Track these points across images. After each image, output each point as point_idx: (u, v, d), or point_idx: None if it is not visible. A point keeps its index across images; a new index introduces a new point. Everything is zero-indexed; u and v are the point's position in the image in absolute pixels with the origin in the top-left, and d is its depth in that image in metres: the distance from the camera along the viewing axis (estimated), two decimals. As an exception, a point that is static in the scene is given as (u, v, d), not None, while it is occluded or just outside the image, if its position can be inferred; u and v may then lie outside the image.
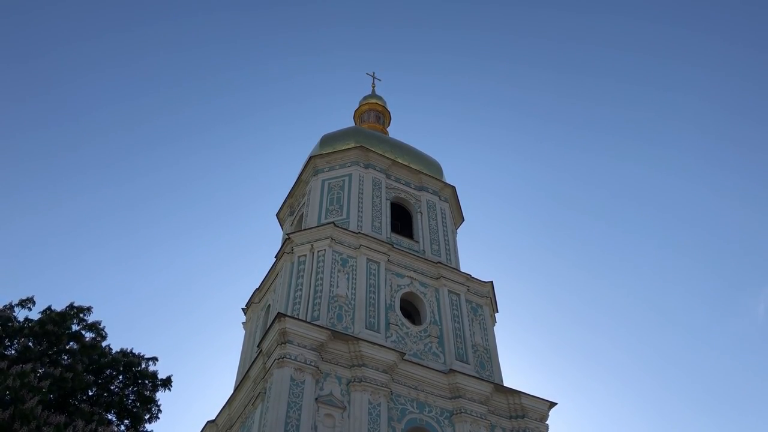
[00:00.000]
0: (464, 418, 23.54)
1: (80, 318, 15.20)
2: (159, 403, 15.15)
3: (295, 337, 22.19)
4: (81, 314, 15.23)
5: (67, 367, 13.38)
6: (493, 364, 27.33)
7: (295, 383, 21.20)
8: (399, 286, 27.84)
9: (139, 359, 15.39)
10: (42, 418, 11.10)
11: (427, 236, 31.50)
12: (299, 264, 27.17)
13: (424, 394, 23.86)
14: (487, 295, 30.18)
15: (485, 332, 28.50)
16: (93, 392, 14.64)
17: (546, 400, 25.72)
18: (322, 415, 21.23)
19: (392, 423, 22.32)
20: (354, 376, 22.67)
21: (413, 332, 26.34)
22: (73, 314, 15.05)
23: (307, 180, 33.76)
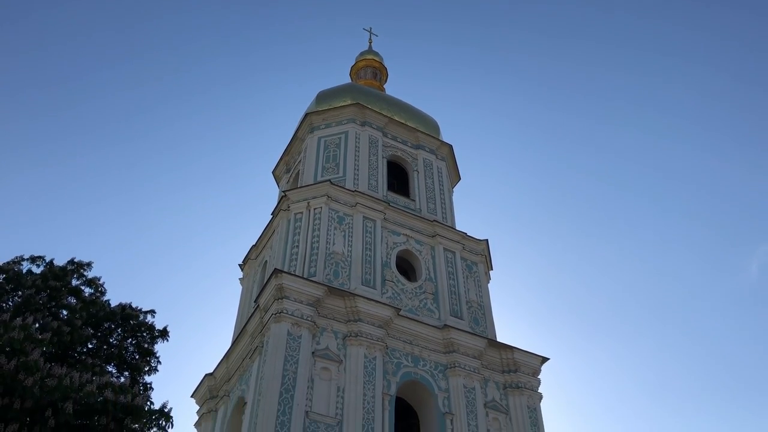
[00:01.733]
0: (458, 372, 24.07)
1: (80, 273, 15.31)
2: (158, 355, 15.40)
3: (292, 292, 22.45)
4: (81, 270, 15.33)
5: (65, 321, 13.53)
6: (487, 320, 27.78)
7: (292, 337, 21.56)
8: (395, 243, 28.03)
9: (137, 312, 15.55)
10: (45, 369, 11.32)
11: (424, 195, 31.56)
12: (296, 221, 27.27)
13: (419, 349, 24.33)
14: (482, 253, 30.47)
15: (479, 289, 28.88)
16: (92, 345, 14.84)
17: (538, 355, 26.28)
18: (318, 368, 21.66)
19: (387, 376, 22.81)
20: (350, 331, 23.05)
21: (409, 289, 26.66)
22: (73, 269, 15.16)
23: (303, 137, 33.55)
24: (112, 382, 12.18)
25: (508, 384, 25.27)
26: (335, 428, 20.43)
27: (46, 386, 10.71)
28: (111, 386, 11.55)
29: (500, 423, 23.87)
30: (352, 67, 44.80)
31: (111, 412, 11.09)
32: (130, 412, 11.37)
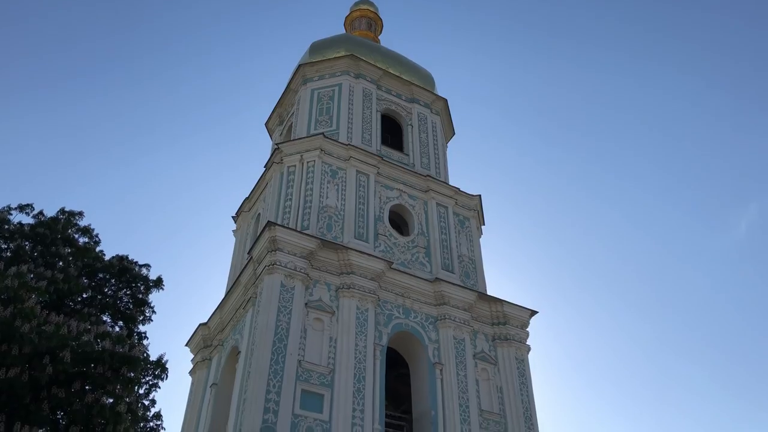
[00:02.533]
0: (448, 324, 24.56)
1: (72, 222, 15.27)
2: (152, 305, 15.57)
3: (285, 245, 22.62)
4: (72, 219, 15.28)
5: (60, 270, 13.60)
6: (478, 274, 28.17)
7: (285, 289, 21.84)
8: (388, 198, 28.10)
9: (132, 265, 15.63)
10: (42, 317, 11.47)
11: (417, 149, 31.44)
12: (288, 174, 27.20)
13: (411, 301, 24.74)
14: (474, 209, 30.63)
15: (471, 244, 29.16)
16: (88, 295, 14.97)
17: (527, 309, 26.79)
18: (311, 319, 22.04)
19: (379, 327, 23.27)
20: (343, 283, 23.35)
21: (401, 243, 26.89)
22: (64, 218, 15.11)
23: (296, 89, 33.10)
24: (110, 332, 12.39)
25: (496, 336, 25.83)
26: (327, 377, 20.94)
27: (44, 333, 10.90)
28: (109, 336, 11.77)
29: (488, 373, 24.52)
30: (347, 17, 43.81)
31: (108, 361, 11.33)
32: (126, 361, 11.61)
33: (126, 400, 11.40)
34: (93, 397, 10.69)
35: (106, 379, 11.07)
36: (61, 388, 10.81)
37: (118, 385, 11.29)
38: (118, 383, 11.28)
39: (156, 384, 15.08)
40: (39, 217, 14.56)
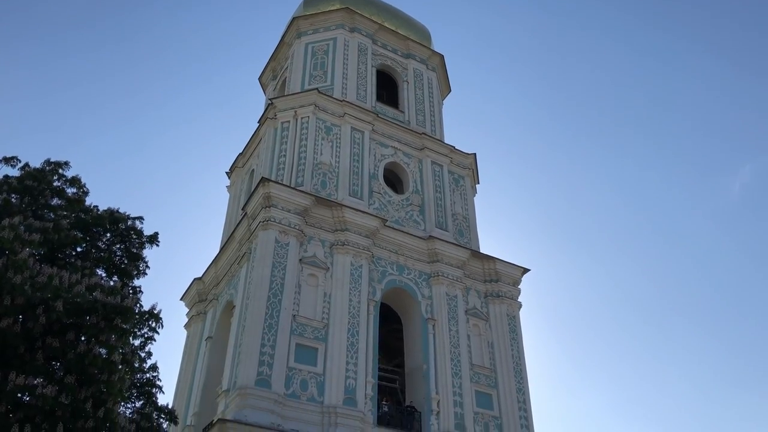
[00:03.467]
0: (441, 281, 24.79)
1: (59, 173, 15.05)
2: (146, 260, 15.51)
3: (279, 201, 22.57)
4: (59, 169, 15.02)
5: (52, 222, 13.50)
6: (471, 232, 28.29)
7: (280, 245, 21.90)
8: (383, 155, 27.94)
9: (125, 217, 15.52)
10: (35, 269, 11.46)
11: (413, 106, 31.11)
12: (282, 130, 26.94)
13: (404, 258, 24.89)
14: (469, 167, 30.54)
15: (465, 202, 29.18)
16: (81, 248, 14.91)
17: (519, 266, 27.01)
18: (306, 274, 22.18)
19: (373, 283, 23.46)
20: (337, 240, 23.42)
21: (395, 200, 26.88)
22: (51, 169, 14.87)
23: (290, 42, 32.46)
24: (102, 283, 12.40)
25: (489, 293, 26.12)
26: (322, 331, 21.21)
27: (36, 284, 10.92)
28: (100, 287, 11.80)
29: (480, 329, 24.89)
30: (342, -31, 42.63)
31: (101, 311, 11.39)
32: (119, 312, 11.67)
33: (120, 351, 11.53)
34: (86, 347, 10.79)
35: (99, 329, 11.14)
36: (55, 338, 10.93)
37: (112, 335, 11.39)
38: (111, 333, 11.38)
39: (151, 337, 15.15)
40: (25, 168, 14.35)
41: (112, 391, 10.99)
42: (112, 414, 10.82)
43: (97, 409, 10.66)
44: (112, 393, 11.00)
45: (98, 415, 10.55)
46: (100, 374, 10.84)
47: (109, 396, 10.96)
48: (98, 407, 10.72)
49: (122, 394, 11.63)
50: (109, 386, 10.97)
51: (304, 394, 19.70)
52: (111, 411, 10.84)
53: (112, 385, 11.02)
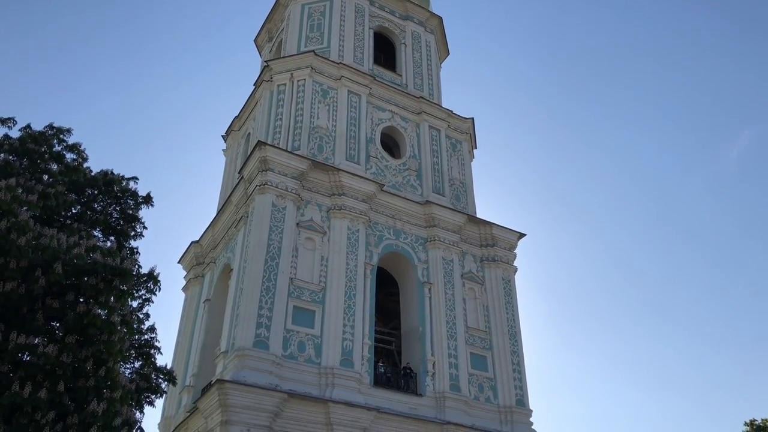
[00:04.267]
0: (438, 245, 24.93)
1: (60, 138, 14.97)
2: (143, 221, 15.51)
3: (276, 165, 22.49)
4: (61, 135, 14.96)
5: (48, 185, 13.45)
6: (468, 197, 28.32)
7: (277, 209, 21.92)
8: (380, 119, 27.74)
9: (119, 178, 15.46)
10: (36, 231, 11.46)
11: (411, 69, 30.75)
12: (279, 93, 26.65)
13: (401, 223, 24.97)
14: (467, 132, 30.38)
15: (463, 167, 29.13)
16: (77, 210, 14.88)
17: (515, 231, 27.15)
18: (303, 238, 22.27)
19: (370, 248, 23.58)
20: (334, 204, 23.44)
21: (393, 165, 26.80)
22: (53, 134, 14.79)
23: (285, 3, 31.83)
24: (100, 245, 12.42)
25: (484, 257, 26.31)
26: (319, 294, 21.41)
27: (39, 246, 10.96)
28: (99, 249, 11.82)
29: (475, 292, 25.15)
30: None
31: (100, 273, 11.44)
32: (118, 273, 11.72)
33: (119, 312, 11.63)
34: (86, 308, 10.87)
35: (98, 290, 11.20)
36: (55, 299, 11.00)
37: (111, 296, 11.47)
38: (110, 295, 11.45)
39: (149, 299, 15.29)
40: (26, 130, 14.24)
41: (112, 351, 11.12)
42: (113, 373, 10.98)
43: (98, 369, 10.82)
44: (112, 353, 11.13)
45: (99, 374, 10.70)
46: (100, 335, 10.94)
47: (109, 356, 11.09)
48: (99, 367, 10.87)
49: (122, 354, 11.76)
50: (108, 346, 11.08)
51: (301, 356, 19.99)
52: (112, 370, 11.00)
53: (111, 345, 11.14)
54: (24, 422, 9.58)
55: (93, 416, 10.15)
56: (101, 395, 10.64)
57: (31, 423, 9.59)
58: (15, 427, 9.53)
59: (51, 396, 9.92)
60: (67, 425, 9.92)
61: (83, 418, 10.13)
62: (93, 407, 10.21)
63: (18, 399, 9.57)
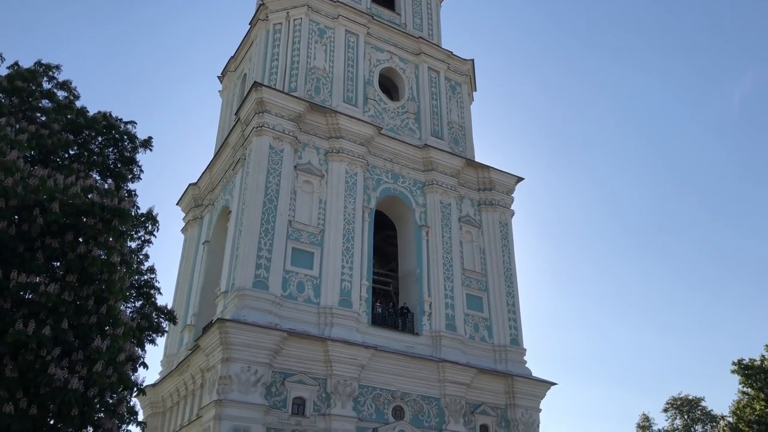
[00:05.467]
0: (435, 189, 24.94)
1: (50, 76, 14.64)
2: (140, 164, 15.40)
3: (273, 106, 22.20)
4: (50, 72, 14.61)
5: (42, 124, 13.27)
6: (467, 140, 28.12)
7: (274, 151, 21.79)
8: (378, 60, 27.22)
9: (118, 122, 15.25)
10: (25, 171, 11.37)
11: (410, 8, 29.94)
12: (275, 33, 26.02)
13: (399, 167, 24.89)
14: (466, 74, 29.88)
15: (462, 110, 28.81)
16: (74, 151, 14.74)
17: (513, 175, 27.10)
18: (301, 181, 22.25)
19: (368, 191, 23.59)
20: (332, 147, 23.29)
21: (391, 108, 26.48)
22: (42, 71, 14.45)
23: (281, -62, 30.65)
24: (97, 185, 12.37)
25: (482, 201, 26.38)
26: (317, 236, 21.57)
27: (29, 186, 10.89)
28: (96, 189, 11.78)
29: (472, 235, 25.35)
30: None
31: (98, 213, 11.44)
32: (117, 214, 11.71)
33: (119, 252, 11.70)
34: (85, 248, 10.93)
35: (97, 230, 11.22)
36: (54, 239, 11.04)
37: (110, 236, 11.52)
38: (109, 235, 11.50)
39: (149, 240, 15.36)
40: (14, 67, 13.92)
41: (113, 290, 11.25)
42: (114, 311, 11.16)
43: (100, 307, 10.97)
44: (113, 292, 11.26)
45: (101, 312, 10.87)
46: (101, 274, 11.05)
47: (110, 294, 11.22)
48: (100, 305, 11.02)
49: (123, 293, 11.91)
50: (109, 285, 11.21)
51: (300, 296, 20.33)
52: (113, 308, 11.17)
53: (112, 284, 11.26)
54: (30, 358, 9.79)
55: (97, 352, 10.36)
56: (104, 332, 10.85)
57: (37, 359, 9.79)
58: (21, 363, 9.74)
59: (55, 333, 10.10)
60: (72, 361, 10.14)
61: (88, 354, 10.34)
62: (97, 344, 10.41)
63: (23, 336, 9.74)
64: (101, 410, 10.59)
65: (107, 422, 10.32)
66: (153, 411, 23.87)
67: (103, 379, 10.21)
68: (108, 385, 10.42)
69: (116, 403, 10.90)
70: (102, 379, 10.20)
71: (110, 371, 10.48)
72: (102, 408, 10.58)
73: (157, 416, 23.80)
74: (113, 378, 10.55)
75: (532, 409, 22.67)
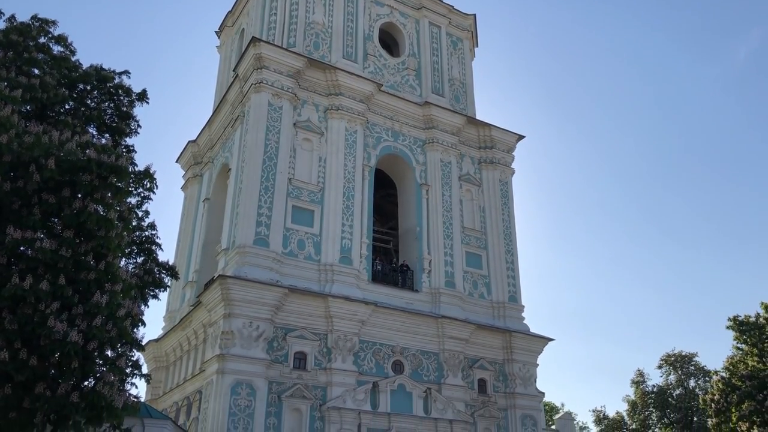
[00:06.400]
0: (436, 147, 24.79)
1: (45, 30, 14.39)
2: (137, 118, 15.26)
3: (271, 62, 21.88)
4: (46, 26, 14.36)
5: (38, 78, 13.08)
6: (468, 97, 27.80)
7: (273, 108, 21.58)
8: (378, 15, 26.67)
9: (111, 74, 15.04)
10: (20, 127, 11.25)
11: (410, -40, 29.16)
12: (273, -15, 25.42)
13: (399, 124, 24.67)
14: (468, 29, 29.32)
15: (463, 66, 28.39)
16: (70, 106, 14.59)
17: (514, 133, 26.89)
18: (300, 139, 22.10)
19: (368, 149, 23.46)
20: (331, 104, 23.05)
21: (391, 64, 26.10)
22: (38, 26, 14.20)
23: None
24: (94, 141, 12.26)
25: (483, 159, 26.24)
26: (317, 194, 21.57)
27: (24, 143, 10.80)
28: (92, 145, 11.68)
29: (472, 194, 25.33)
30: None
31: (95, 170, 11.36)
32: (114, 170, 11.64)
33: (117, 208, 11.67)
34: (82, 204, 10.89)
35: (93, 187, 11.17)
36: (50, 195, 11.00)
37: (107, 193, 11.48)
38: (107, 191, 11.46)
39: (148, 197, 15.36)
40: (10, 21, 13.67)
41: (111, 246, 11.25)
42: (113, 267, 11.19)
43: (98, 263, 11.01)
44: (111, 248, 11.27)
45: (99, 268, 10.91)
46: (98, 230, 11.04)
47: (108, 251, 11.24)
48: (99, 261, 11.06)
49: (121, 249, 11.93)
50: (107, 241, 11.21)
51: (301, 253, 20.46)
52: (111, 264, 11.19)
53: (110, 240, 11.24)
54: (29, 312, 9.87)
55: (97, 307, 10.45)
56: (103, 288, 10.92)
57: (35, 313, 9.88)
58: (20, 316, 9.83)
59: (53, 288, 10.15)
60: (72, 315, 10.24)
61: (88, 309, 10.44)
62: (96, 299, 10.50)
63: (19, 291, 9.80)
64: (102, 364, 10.75)
65: (108, 376, 10.47)
66: (156, 365, 24.34)
67: (102, 333, 10.31)
68: (108, 340, 10.54)
69: (116, 357, 11.05)
70: (102, 334, 10.30)
71: (110, 326, 10.59)
72: (102, 362, 10.74)
73: (161, 370, 24.29)
74: (113, 333, 10.67)
75: (530, 364, 23.08)
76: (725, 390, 21.49)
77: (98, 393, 10.17)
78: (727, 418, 21.89)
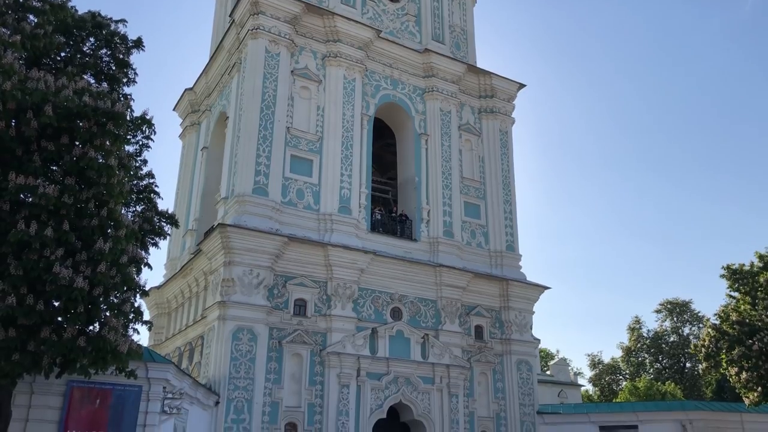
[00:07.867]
0: (436, 96, 24.52)
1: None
2: (134, 67, 15.07)
3: (268, 8, 21.40)
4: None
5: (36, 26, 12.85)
6: (469, 45, 27.31)
7: (270, 55, 21.24)
8: (378, -42, 25.90)
9: (107, 21, 14.75)
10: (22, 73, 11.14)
11: None
12: (269, -74, 24.53)
13: (399, 72, 24.33)
14: (469, -27, 28.56)
15: (464, 13, 27.77)
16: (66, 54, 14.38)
17: (515, 82, 26.55)
18: (298, 87, 21.82)
19: (366, 98, 23.20)
20: (329, 51, 22.67)
21: (390, 9, 25.52)
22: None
23: None
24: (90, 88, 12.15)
25: (482, 108, 26.00)
26: (316, 144, 21.47)
27: (27, 90, 10.73)
28: (89, 91, 11.58)
29: (472, 144, 25.22)
30: None
31: (92, 116, 11.31)
32: (111, 117, 11.58)
33: (116, 155, 11.68)
34: (81, 150, 10.91)
35: (92, 133, 11.16)
36: (49, 141, 11.01)
37: (106, 140, 11.46)
38: (105, 138, 11.43)
39: (146, 144, 15.31)
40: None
41: (113, 193, 11.34)
42: (115, 213, 11.31)
43: (100, 209, 11.11)
44: (113, 195, 11.35)
45: (102, 215, 11.02)
46: (99, 177, 11.09)
47: (110, 198, 11.33)
48: (101, 208, 11.15)
49: (123, 196, 12.01)
50: (108, 188, 11.28)
51: (300, 203, 20.55)
52: (113, 211, 11.30)
53: (111, 187, 11.32)
54: (34, 258, 10.02)
55: (100, 254, 10.60)
56: (106, 235, 11.05)
57: (40, 259, 10.03)
58: (25, 262, 9.98)
59: (57, 234, 10.28)
60: (76, 262, 10.39)
61: (91, 256, 10.59)
62: (99, 245, 10.64)
63: (25, 236, 9.93)
64: (106, 309, 10.99)
65: (113, 320, 10.71)
66: (158, 312, 24.79)
67: (107, 279, 10.52)
68: (112, 285, 10.74)
69: (121, 302, 11.28)
70: (106, 279, 10.50)
71: (114, 272, 10.77)
72: (107, 307, 10.97)
73: (163, 316, 24.75)
74: (117, 278, 10.87)
75: (526, 311, 23.53)
76: (716, 336, 21.97)
77: (104, 338, 10.45)
78: (717, 363, 22.46)
